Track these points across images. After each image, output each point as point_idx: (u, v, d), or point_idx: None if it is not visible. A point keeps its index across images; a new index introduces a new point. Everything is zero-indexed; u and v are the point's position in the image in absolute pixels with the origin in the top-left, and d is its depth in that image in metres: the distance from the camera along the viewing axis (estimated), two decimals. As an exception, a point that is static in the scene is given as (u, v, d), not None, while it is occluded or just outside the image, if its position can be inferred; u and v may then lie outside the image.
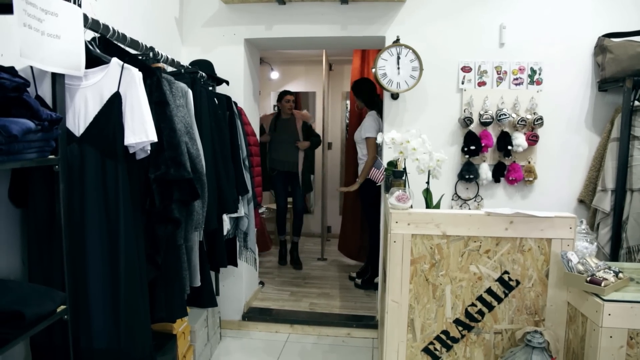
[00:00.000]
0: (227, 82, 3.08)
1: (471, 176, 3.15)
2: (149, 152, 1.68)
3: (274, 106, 6.38)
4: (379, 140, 2.50)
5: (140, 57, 1.96)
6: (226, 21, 3.36)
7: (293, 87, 6.22)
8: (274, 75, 6.06)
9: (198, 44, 3.40)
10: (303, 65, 6.10)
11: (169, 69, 2.38)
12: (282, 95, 4.81)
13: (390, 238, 2.20)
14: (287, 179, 4.86)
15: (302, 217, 4.97)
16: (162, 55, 2.14)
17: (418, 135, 2.26)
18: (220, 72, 3.13)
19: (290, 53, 5.59)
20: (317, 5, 3.23)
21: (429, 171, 2.37)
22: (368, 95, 3.96)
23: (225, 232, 2.53)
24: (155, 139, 1.62)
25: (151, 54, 2.04)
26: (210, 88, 2.80)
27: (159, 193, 1.67)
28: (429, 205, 2.46)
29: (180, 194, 1.73)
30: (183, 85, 2.00)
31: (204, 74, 2.59)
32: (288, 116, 4.78)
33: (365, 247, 4.45)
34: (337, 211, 6.04)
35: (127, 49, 1.92)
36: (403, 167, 2.40)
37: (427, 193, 2.46)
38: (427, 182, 2.43)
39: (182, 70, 2.33)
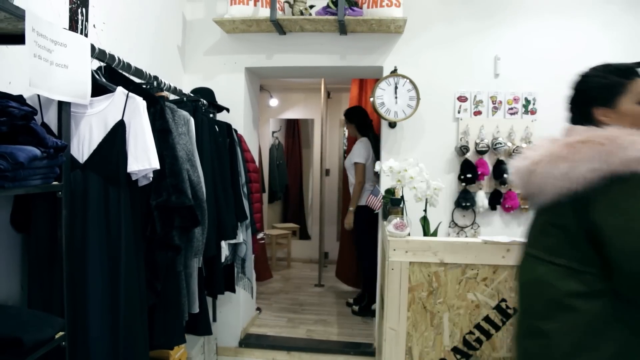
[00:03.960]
0: (228, 110, 3.13)
1: (468, 204, 3.17)
2: (151, 179, 1.71)
3: (273, 133, 6.43)
4: (376, 168, 2.54)
5: (144, 86, 2.01)
6: (227, 50, 3.42)
7: (291, 115, 6.30)
8: (273, 102, 6.12)
9: (199, 71, 3.45)
10: (302, 93, 6.17)
11: (172, 96, 2.43)
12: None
13: (388, 265, 2.21)
14: None
15: None
16: (165, 84, 2.19)
17: (415, 164, 2.31)
18: (220, 100, 3.19)
19: (289, 81, 5.62)
20: (316, 36, 3.30)
21: (426, 199, 2.40)
22: (360, 122, 4.11)
23: (223, 259, 2.54)
24: (157, 166, 1.66)
25: (155, 83, 2.09)
26: (211, 115, 2.85)
27: (160, 220, 1.69)
28: (426, 232, 2.48)
29: (181, 220, 1.75)
30: (185, 113, 2.05)
31: (205, 101, 2.64)
32: None
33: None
34: (334, 237, 6.03)
35: (132, 77, 1.97)
36: (401, 195, 2.43)
37: (424, 221, 2.49)
38: (425, 210, 2.46)
39: (185, 99, 2.38)
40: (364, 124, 4.10)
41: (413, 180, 2.27)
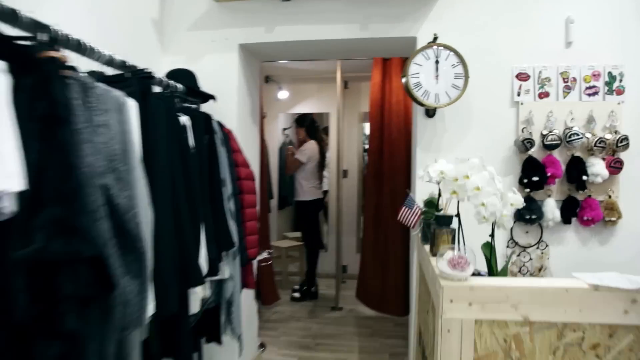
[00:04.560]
0: (213, 97, 2.39)
1: (533, 216, 2.45)
2: (11, 212, 0.92)
3: (284, 130, 5.75)
4: (419, 174, 1.76)
5: (17, 41, 1.15)
6: (217, 23, 2.78)
7: (304, 108, 5.63)
8: (283, 94, 5.44)
9: (182, 51, 2.82)
10: (315, 83, 5.52)
11: (110, 71, 1.65)
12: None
13: (441, 325, 1.45)
14: None
15: None
16: (86, 47, 1.35)
17: (482, 166, 1.51)
18: (209, 86, 2.46)
19: (300, 69, 5.01)
20: (329, 1, 2.58)
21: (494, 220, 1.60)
22: (309, 126, 4.81)
23: (196, 309, 1.75)
24: (18, 187, 0.88)
25: (47, 37, 1.19)
26: (195, 106, 2.11)
27: (29, 287, 0.91)
28: (492, 269, 1.69)
29: (75, 285, 0.96)
30: (117, 93, 1.27)
31: (174, 83, 1.90)
32: None
33: (390, 290, 3.67)
34: (354, 249, 5.33)
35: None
36: (456, 212, 1.64)
37: (489, 250, 1.70)
38: (492, 235, 1.66)
39: (127, 73, 1.57)
40: (313, 127, 4.80)
41: (480, 193, 1.47)
